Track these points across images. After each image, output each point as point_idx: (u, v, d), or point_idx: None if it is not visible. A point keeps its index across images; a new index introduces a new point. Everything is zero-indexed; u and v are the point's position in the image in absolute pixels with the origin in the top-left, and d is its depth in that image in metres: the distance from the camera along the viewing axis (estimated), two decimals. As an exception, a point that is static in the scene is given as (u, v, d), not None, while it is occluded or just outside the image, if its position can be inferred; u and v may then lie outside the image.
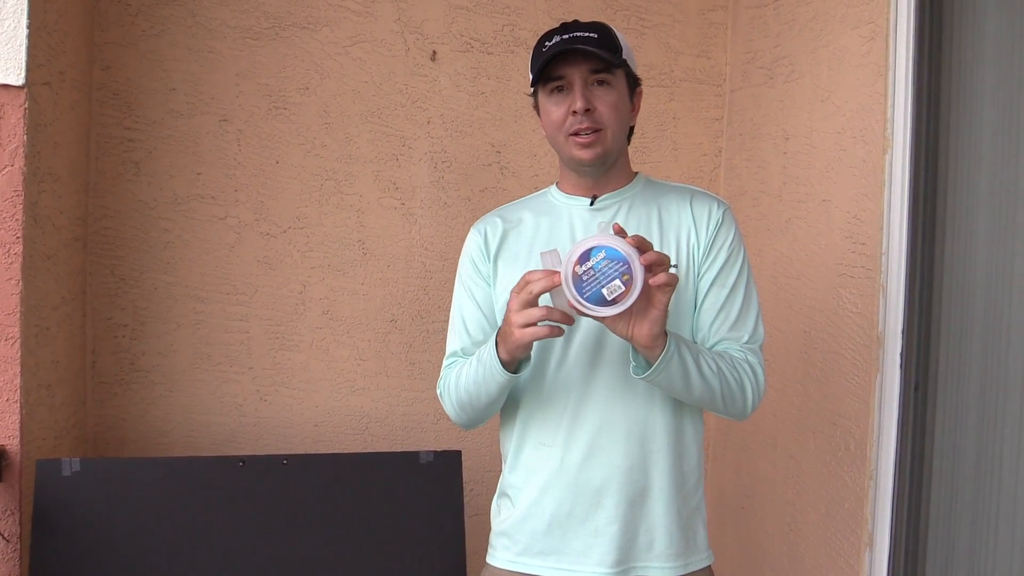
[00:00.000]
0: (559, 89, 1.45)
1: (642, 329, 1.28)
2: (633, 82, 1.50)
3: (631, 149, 1.58)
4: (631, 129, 1.55)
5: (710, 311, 1.47)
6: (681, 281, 1.45)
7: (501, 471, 1.59)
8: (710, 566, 1.53)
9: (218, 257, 2.46)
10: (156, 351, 2.43)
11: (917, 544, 1.94)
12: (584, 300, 1.23)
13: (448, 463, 2.18)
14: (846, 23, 2.08)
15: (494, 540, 1.57)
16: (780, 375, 2.36)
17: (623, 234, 1.25)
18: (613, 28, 1.47)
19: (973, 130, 1.82)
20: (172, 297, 2.44)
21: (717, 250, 1.47)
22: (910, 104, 1.89)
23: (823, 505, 2.14)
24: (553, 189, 1.58)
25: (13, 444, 1.92)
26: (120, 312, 2.41)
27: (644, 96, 1.57)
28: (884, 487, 1.92)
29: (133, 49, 2.40)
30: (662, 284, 1.24)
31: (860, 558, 1.97)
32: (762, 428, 2.45)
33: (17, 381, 1.92)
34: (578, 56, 1.41)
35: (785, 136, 2.38)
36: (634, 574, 1.46)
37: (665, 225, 1.49)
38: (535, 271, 1.29)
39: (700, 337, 1.48)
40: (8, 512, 1.94)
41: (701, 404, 1.44)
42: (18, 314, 1.91)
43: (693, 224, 1.48)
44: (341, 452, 2.49)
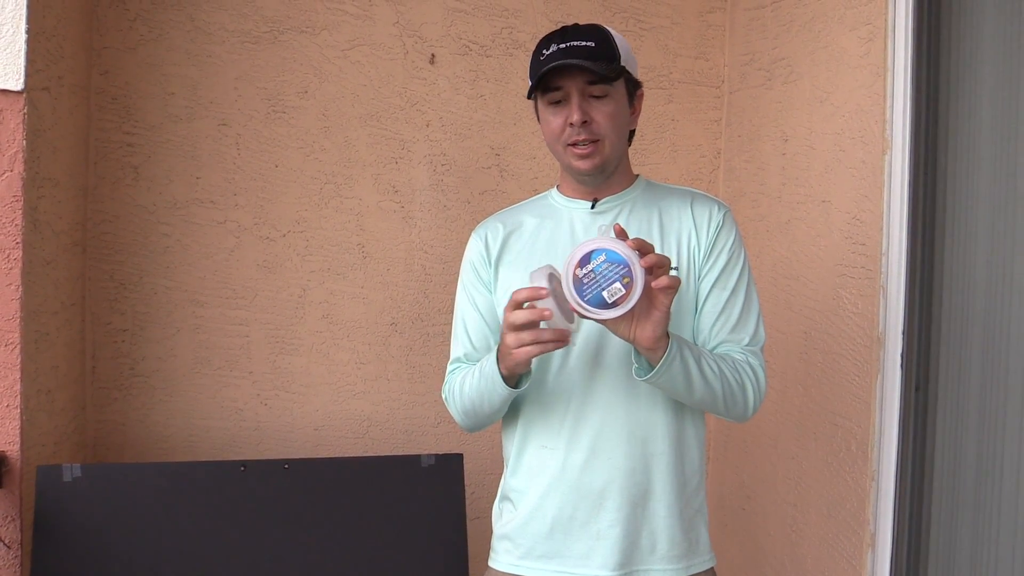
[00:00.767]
0: (557, 100, 1.44)
1: (644, 331, 1.29)
2: (633, 86, 1.49)
3: (630, 151, 1.58)
4: (632, 132, 1.55)
5: (711, 314, 1.47)
6: (682, 283, 1.45)
7: (502, 474, 1.59)
8: (712, 568, 1.53)
9: (217, 261, 2.46)
10: (156, 356, 2.43)
11: (919, 544, 1.94)
12: (585, 303, 1.23)
13: (449, 466, 2.18)
14: (844, 24, 2.09)
15: (496, 543, 1.57)
16: (781, 376, 2.36)
17: (624, 236, 1.25)
18: (612, 33, 1.46)
19: (972, 130, 1.83)
20: (172, 302, 2.43)
21: (718, 253, 1.48)
22: (909, 105, 1.89)
23: (824, 506, 2.14)
24: (554, 192, 1.58)
25: (13, 450, 1.92)
26: (120, 317, 2.41)
27: (643, 98, 1.57)
28: (885, 488, 1.92)
29: (132, 54, 2.40)
30: (664, 287, 1.24)
31: (862, 559, 1.97)
32: (763, 429, 2.45)
33: (17, 387, 1.91)
34: (575, 68, 1.40)
35: (784, 137, 2.38)
36: (637, 577, 1.46)
37: (666, 228, 1.49)
38: (522, 289, 1.29)
39: (701, 340, 1.49)
40: (9, 518, 1.94)
41: (702, 406, 1.44)
42: (18, 319, 1.91)
43: (694, 227, 1.48)
44: (342, 456, 2.49)
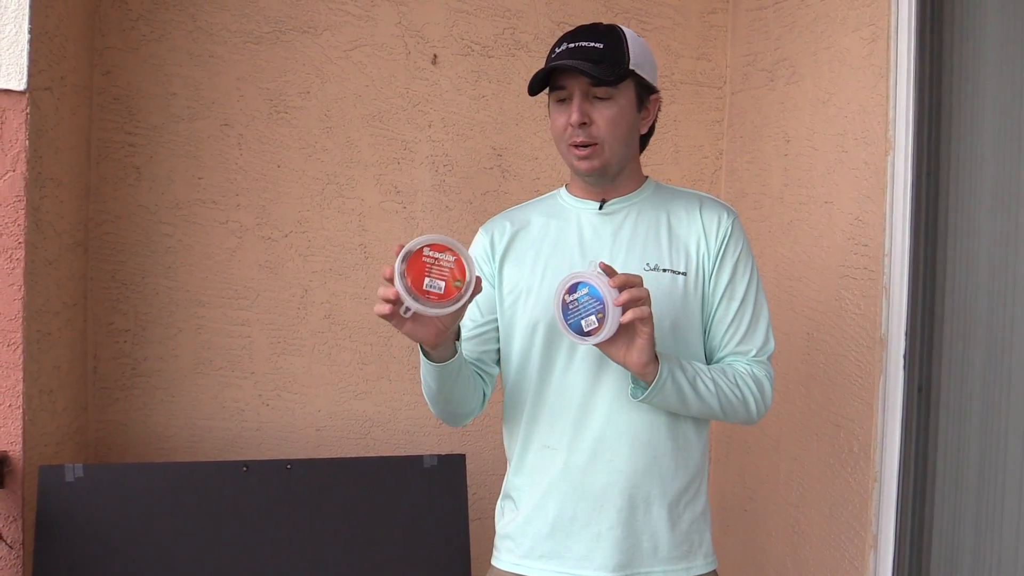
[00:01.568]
0: (562, 98, 1.45)
1: (631, 358, 1.34)
2: (645, 90, 1.48)
3: (638, 153, 1.57)
4: (648, 135, 1.54)
5: (721, 324, 1.49)
6: (690, 288, 1.47)
7: (505, 474, 1.59)
8: (715, 571, 1.52)
9: (219, 262, 2.46)
10: (157, 356, 2.43)
11: (921, 546, 1.93)
12: (568, 326, 1.34)
13: (452, 467, 2.18)
14: (847, 25, 2.09)
15: (498, 543, 1.57)
16: (783, 377, 2.36)
17: (611, 272, 1.30)
18: (628, 36, 1.45)
19: (975, 131, 1.83)
20: (173, 302, 2.43)
21: (726, 261, 1.48)
22: (912, 106, 1.89)
23: (827, 507, 2.14)
24: (563, 191, 1.58)
25: (16, 450, 1.92)
26: (121, 317, 2.41)
27: (658, 103, 1.53)
28: (888, 489, 1.92)
29: (134, 54, 2.40)
30: (629, 320, 1.29)
31: (864, 560, 1.97)
32: (765, 430, 2.45)
33: (20, 387, 1.91)
34: (571, 71, 1.41)
35: (786, 138, 2.38)
36: (637, 578, 1.46)
37: (674, 231, 1.49)
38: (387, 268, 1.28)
39: (711, 347, 1.51)
40: (11, 518, 1.94)
41: (702, 417, 1.48)
42: (20, 319, 1.91)
43: (703, 232, 1.49)
44: (344, 457, 2.49)
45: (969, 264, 1.83)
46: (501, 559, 1.55)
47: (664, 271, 1.45)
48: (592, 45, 1.41)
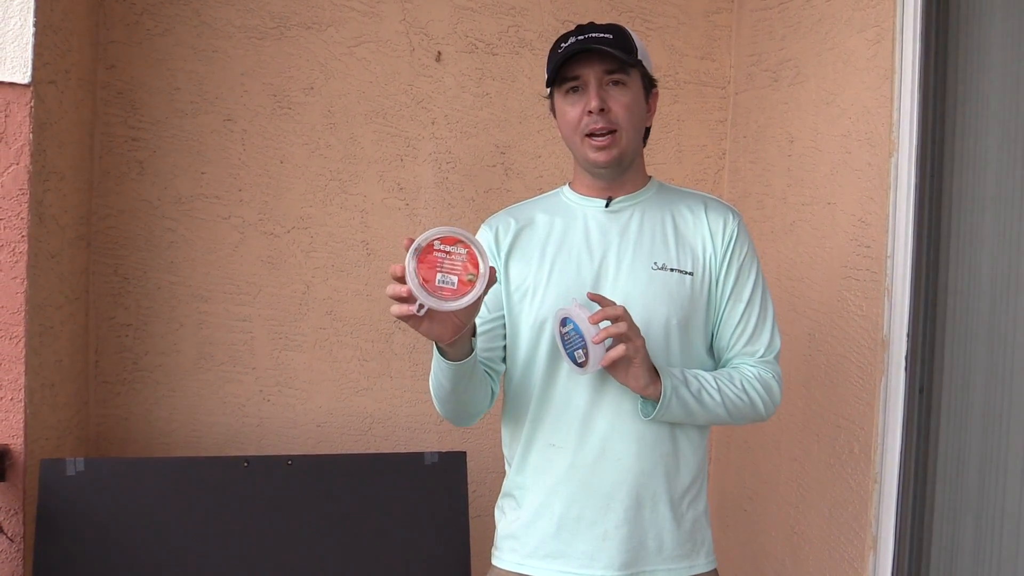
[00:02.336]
0: (574, 90, 1.45)
1: (629, 382, 1.37)
2: (649, 83, 1.50)
3: (642, 151, 1.58)
4: (647, 131, 1.55)
5: (728, 325, 1.51)
6: (697, 288, 1.48)
7: (506, 472, 1.59)
8: (715, 570, 1.53)
9: (222, 257, 2.46)
10: (159, 351, 2.43)
11: (921, 547, 1.94)
12: (567, 356, 1.39)
13: (453, 464, 2.18)
14: (852, 26, 2.09)
15: (500, 542, 1.57)
16: (784, 378, 2.34)
17: (599, 300, 1.36)
18: (629, 30, 1.48)
19: (979, 133, 1.83)
20: (175, 297, 2.43)
21: (733, 263, 1.49)
22: (916, 107, 1.89)
23: (826, 508, 2.14)
24: (566, 189, 1.58)
25: (17, 443, 1.92)
26: (123, 311, 2.41)
27: (658, 97, 1.57)
28: (888, 490, 1.92)
29: (138, 48, 2.40)
30: (608, 362, 1.33)
31: (864, 561, 1.97)
32: (766, 430, 2.45)
33: (22, 380, 1.91)
34: (593, 56, 1.42)
35: (790, 139, 2.38)
36: (640, 577, 1.46)
37: (680, 232, 1.50)
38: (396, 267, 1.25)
39: (718, 347, 1.53)
40: (12, 511, 1.94)
41: (712, 424, 1.51)
42: (23, 313, 1.91)
43: (709, 233, 1.50)
44: (345, 453, 2.49)
45: (971, 266, 1.83)
46: (503, 559, 1.54)
47: (672, 271, 1.46)
48: (602, 35, 1.43)
